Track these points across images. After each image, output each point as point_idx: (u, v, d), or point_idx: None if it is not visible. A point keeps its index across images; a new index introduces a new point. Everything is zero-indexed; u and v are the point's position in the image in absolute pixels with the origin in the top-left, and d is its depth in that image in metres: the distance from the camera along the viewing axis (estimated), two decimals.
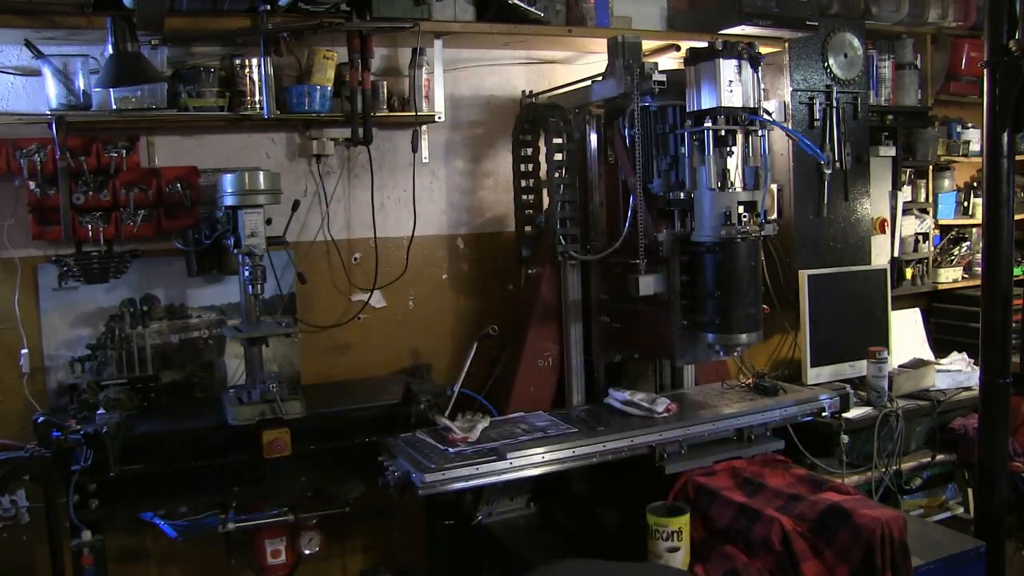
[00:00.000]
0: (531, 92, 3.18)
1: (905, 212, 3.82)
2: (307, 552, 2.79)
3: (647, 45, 3.08)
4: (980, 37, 2.72)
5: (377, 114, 2.93)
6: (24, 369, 2.71)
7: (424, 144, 3.06)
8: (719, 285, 2.67)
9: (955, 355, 3.61)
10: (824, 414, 2.97)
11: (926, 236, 3.94)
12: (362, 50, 2.80)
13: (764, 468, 2.58)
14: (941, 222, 4.06)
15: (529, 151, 3.15)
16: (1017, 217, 2.68)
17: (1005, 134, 2.48)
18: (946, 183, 4.09)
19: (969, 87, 4.00)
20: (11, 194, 2.68)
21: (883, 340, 3.39)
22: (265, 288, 2.67)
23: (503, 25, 2.93)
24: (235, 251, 2.61)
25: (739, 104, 2.70)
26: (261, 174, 2.58)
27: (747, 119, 2.75)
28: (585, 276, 2.87)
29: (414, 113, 2.96)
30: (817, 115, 3.35)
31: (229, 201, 2.57)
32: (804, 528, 2.22)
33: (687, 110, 2.78)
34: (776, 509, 2.26)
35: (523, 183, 3.16)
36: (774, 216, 3.23)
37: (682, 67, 2.90)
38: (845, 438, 2.96)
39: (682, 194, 2.89)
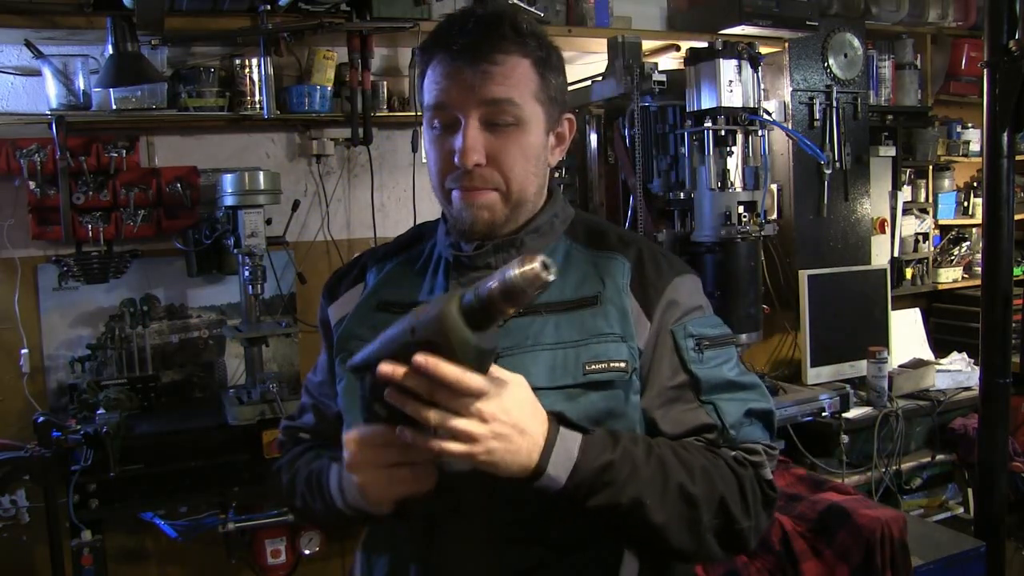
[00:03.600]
0: None
1: (905, 212, 3.81)
2: (307, 552, 2.79)
3: (647, 45, 3.08)
4: (980, 37, 2.72)
5: (377, 114, 2.93)
6: (24, 369, 2.71)
7: (424, 144, 3.06)
8: (719, 285, 2.67)
9: (955, 355, 3.60)
10: (824, 414, 2.97)
11: (926, 236, 3.94)
12: (362, 50, 2.80)
13: None
14: (941, 222, 4.06)
15: None
16: (1017, 217, 2.67)
17: (1005, 134, 2.47)
18: (946, 183, 4.09)
19: (969, 87, 4.00)
20: (11, 194, 2.68)
21: (883, 340, 3.39)
22: (265, 288, 2.68)
23: None
24: (235, 251, 2.61)
25: (739, 104, 2.70)
26: (261, 174, 2.58)
27: (747, 119, 2.75)
28: None
29: (414, 113, 2.96)
30: (817, 115, 3.35)
31: (229, 201, 2.57)
32: (804, 528, 2.22)
33: (687, 110, 2.79)
34: (776, 509, 2.26)
35: None
36: (774, 216, 3.23)
37: (682, 67, 2.91)
38: (845, 438, 2.96)
39: (682, 194, 2.89)
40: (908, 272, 3.85)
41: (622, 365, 1.08)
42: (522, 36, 1.09)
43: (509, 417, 0.92)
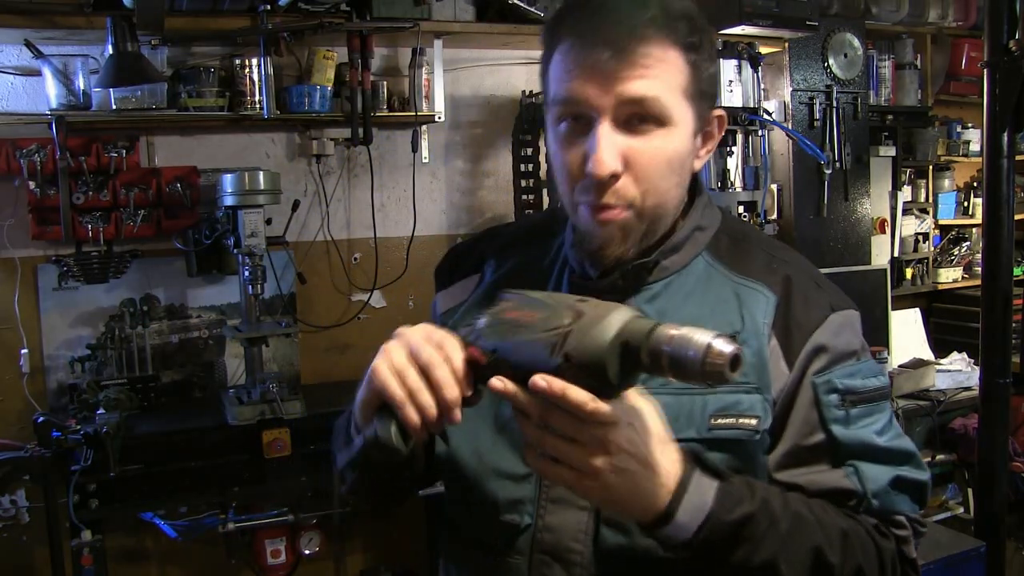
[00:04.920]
0: (531, 92, 3.18)
1: (905, 212, 3.81)
2: (307, 552, 2.79)
3: None
4: (980, 37, 2.72)
5: (377, 114, 2.93)
6: (24, 369, 2.71)
7: (424, 144, 3.06)
8: None
9: (955, 355, 3.61)
10: None
11: (926, 236, 3.94)
12: (362, 50, 2.80)
13: None
14: (941, 222, 4.06)
15: (529, 151, 3.15)
16: (1017, 217, 2.67)
17: (1005, 134, 2.47)
18: (946, 183, 4.09)
19: (969, 87, 4.00)
20: (11, 194, 2.68)
21: (883, 340, 3.39)
22: (265, 288, 2.67)
23: (503, 25, 2.93)
24: (235, 251, 2.61)
25: (739, 104, 2.71)
26: (261, 174, 2.58)
27: (747, 119, 2.76)
28: None
29: (414, 113, 2.96)
30: (817, 115, 3.35)
31: (229, 201, 2.57)
32: None
33: None
34: None
35: (523, 183, 3.16)
36: (774, 216, 3.23)
37: None
38: None
39: None
40: (908, 272, 3.85)
41: (753, 423, 0.93)
42: (673, 19, 0.90)
43: (637, 450, 0.79)
